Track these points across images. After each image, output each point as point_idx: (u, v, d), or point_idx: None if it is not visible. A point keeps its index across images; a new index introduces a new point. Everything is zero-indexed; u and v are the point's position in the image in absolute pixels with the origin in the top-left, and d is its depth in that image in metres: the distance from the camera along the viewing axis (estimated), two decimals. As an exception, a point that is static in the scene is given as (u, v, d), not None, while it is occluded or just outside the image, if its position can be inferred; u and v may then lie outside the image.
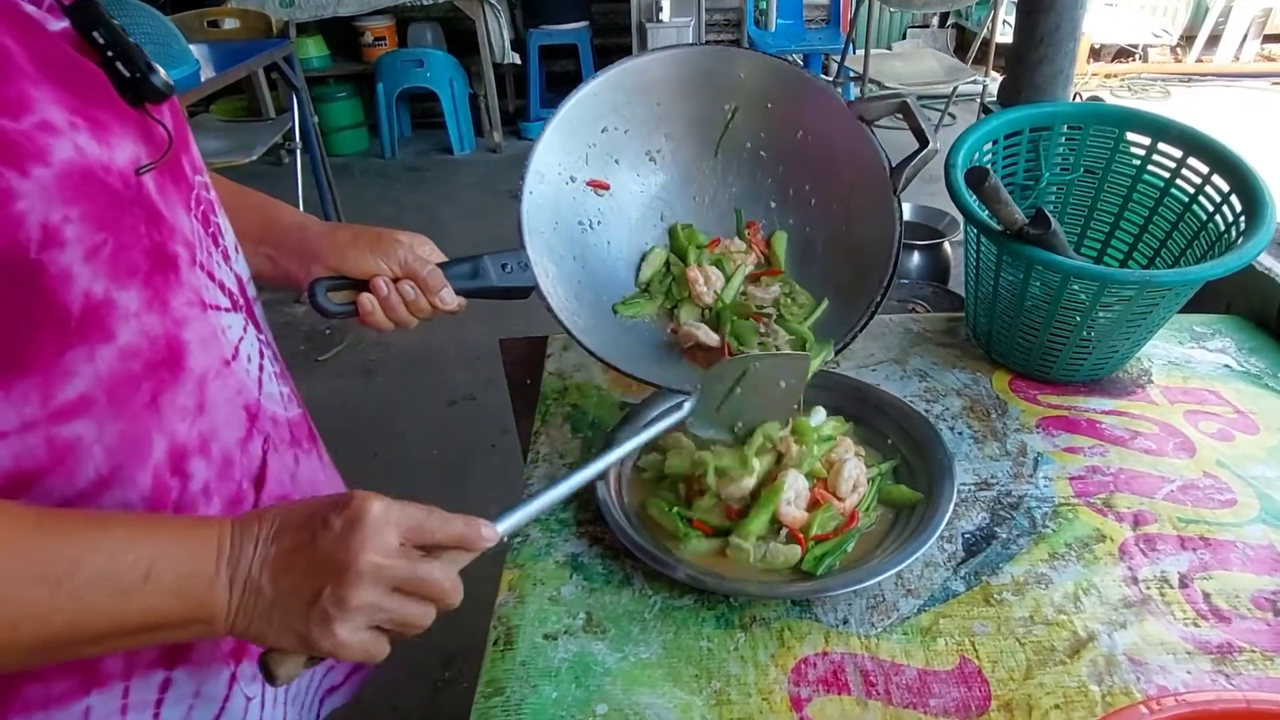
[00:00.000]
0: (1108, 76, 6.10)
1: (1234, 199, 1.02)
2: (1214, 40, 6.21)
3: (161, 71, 0.59)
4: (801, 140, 0.96)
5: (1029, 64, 1.41)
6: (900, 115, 0.89)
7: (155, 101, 0.59)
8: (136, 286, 0.57)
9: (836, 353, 0.93)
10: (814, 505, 0.88)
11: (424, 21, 5.32)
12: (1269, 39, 6.33)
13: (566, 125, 0.93)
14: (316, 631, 0.55)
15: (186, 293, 0.62)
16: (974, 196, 0.96)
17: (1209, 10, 6.20)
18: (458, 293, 0.85)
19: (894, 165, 0.90)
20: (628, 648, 0.78)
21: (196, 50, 3.20)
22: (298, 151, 3.70)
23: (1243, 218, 1.00)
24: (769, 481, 0.88)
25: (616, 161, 0.98)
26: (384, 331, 0.82)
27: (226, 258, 0.71)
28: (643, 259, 1.01)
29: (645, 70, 0.95)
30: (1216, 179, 1.05)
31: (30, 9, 0.54)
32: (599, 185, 0.97)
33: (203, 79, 2.96)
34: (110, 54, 0.57)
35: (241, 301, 0.72)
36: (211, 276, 0.66)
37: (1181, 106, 5.64)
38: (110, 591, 0.51)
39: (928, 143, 0.86)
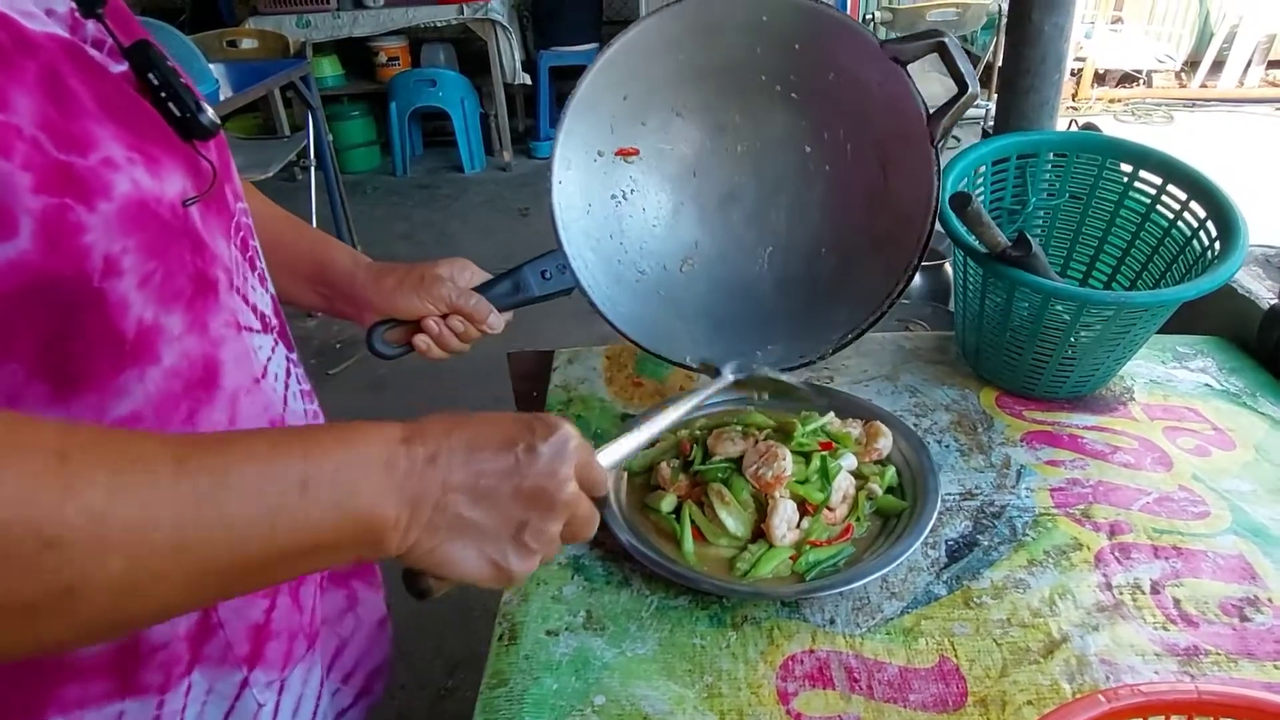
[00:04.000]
0: (1111, 101, 6.17)
1: (1210, 224, 1.07)
2: (1218, 65, 6.27)
3: (210, 111, 0.63)
4: (833, 82, 0.91)
5: (1016, 93, 1.47)
6: (939, 56, 0.84)
7: (203, 139, 0.63)
8: (180, 311, 0.60)
9: (872, 324, 0.90)
10: (805, 513, 0.93)
11: (437, 42, 5.44)
12: (1273, 64, 6.39)
13: (587, 103, 0.91)
14: (515, 561, 0.54)
15: (224, 315, 0.65)
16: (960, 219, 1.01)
17: (1213, 36, 6.27)
18: (502, 309, 0.89)
19: (931, 112, 0.86)
20: (625, 644, 0.83)
21: (216, 70, 3.29)
22: (312, 169, 3.78)
23: (1218, 242, 1.04)
24: (761, 519, 0.92)
25: (643, 124, 0.95)
26: (439, 360, 0.88)
27: (263, 280, 0.75)
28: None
29: (663, 26, 0.91)
30: (1194, 205, 1.09)
31: (94, 53, 0.58)
32: (627, 152, 0.95)
33: (222, 98, 3.04)
34: (164, 94, 0.61)
35: (274, 323, 0.76)
36: (246, 300, 0.70)
37: (1185, 132, 5.69)
38: (261, 507, 0.45)
39: (968, 88, 0.82)
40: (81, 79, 0.54)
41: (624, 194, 0.98)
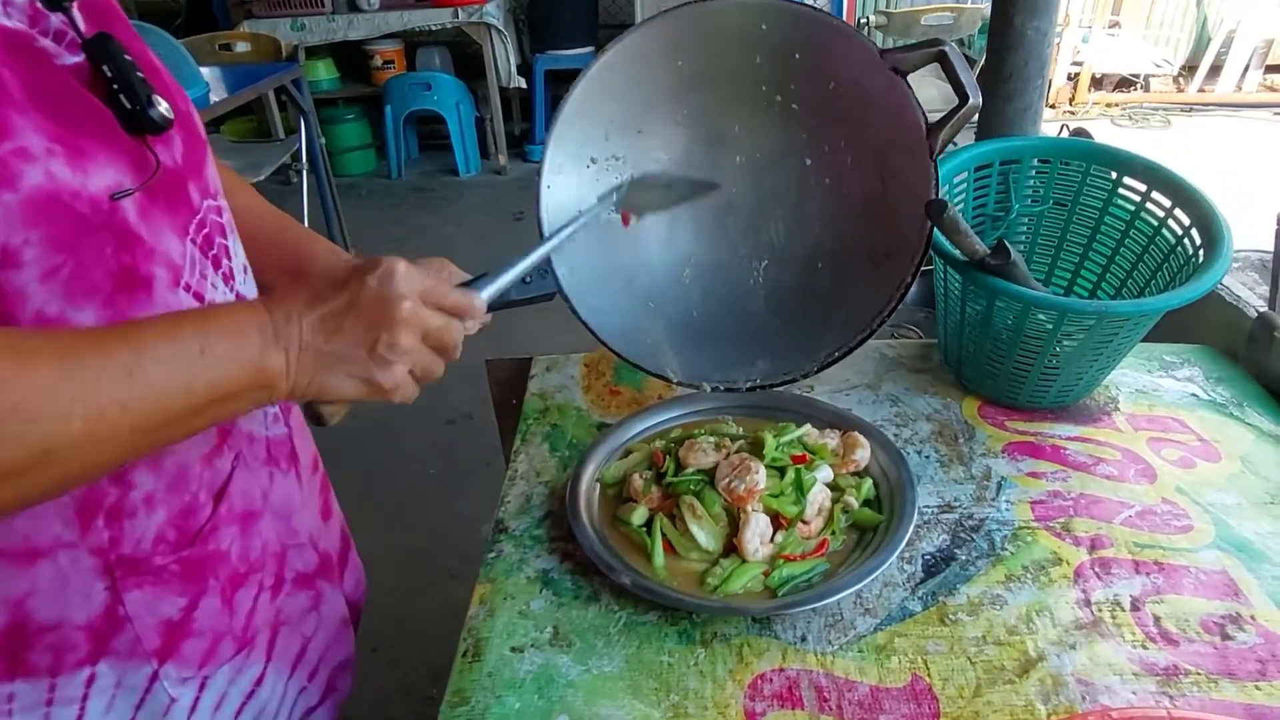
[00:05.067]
0: (1109, 106, 6.15)
1: (1194, 232, 1.05)
2: (1216, 70, 6.26)
3: (162, 106, 0.63)
4: (833, 92, 0.89)
5: (999, 99, 1.45)
6: (940, 66, 0.83)
7: (154, 133, 0.63)
8: (95, 306, 0.60)
9: (861, 342, 0.92)
10: (778, 527, 0.91)
11: (432, 46, 5.42)
12: (1271, 69, 6.37)
13: (580, 108, 0.90)
14: (379, 374, 0.63)
15: (157, 311, 0.65)
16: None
17: (1211, 40, 6.26)
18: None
19: (930, 124, 0.84)
20: (591, 661, 0.81)
21: (208, 73, 3.27)
22: (304, 172, 3.76)
23: (1202, 250, 1.03)
24: (734, 533, 0.90)
25: (640, 132, 0.93)
26: None
27: (229, 279, 0.75)
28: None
29: (661, 33, 0.89)
30: (1178, 212, 1.08)
31: (46, 43, 0.58)
32: (626, 217, 0.93)
33: (212, 100, 3.02)
34: (115, 87, 0.61)
35: None
36: (200, 298, 0.69)
37: (1182, 136, 5.67)
38: (174, 369, 0.55)
39: (969, 98, 0.80)
40: (15, 69, 0.54)
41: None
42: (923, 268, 0.88)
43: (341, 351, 0.62)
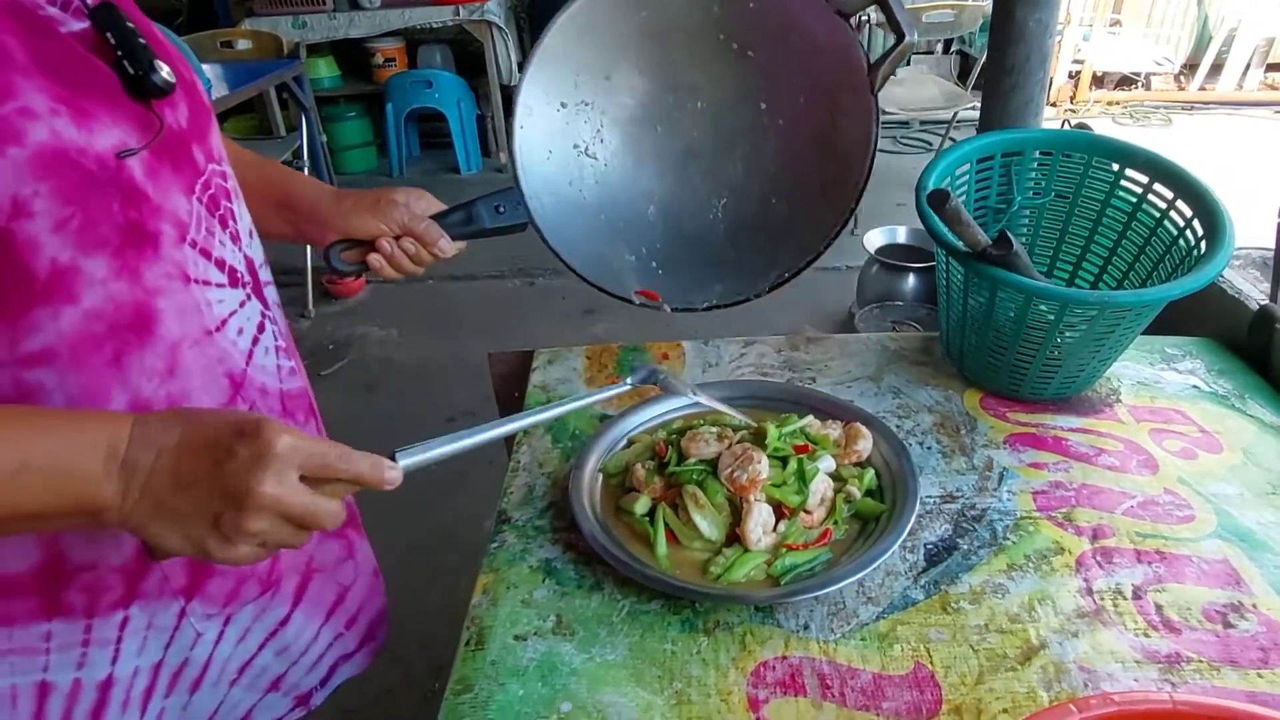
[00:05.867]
0: (1110, 104, 6.15)
1: (1196, 223, 1.05)
2: (1217, 68, 6.25)
3: (164, 70, 0.66)
4: (785, 37, 0.94)
5: (1001, 92, 1.45)
6: (879, 6, 0.88)
7: (157, 97, 0.66)
8: (104, 257, 0.62)
9: (808, 264, 0.94)
10: (781, 517, 0.91)
11: (433, 43, 5.41)
12: (1272, 68, 6.37)
13: (551, 53, 0.93)
14: (214, 547, 0.59)
15: (165, 266, 0.68)
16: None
17: (1212, 38, 6.25)
18: (455, 239, 0.93)
19: (871, 62, 0.90)
20: (594, 649, 0.81)
21: (210, 70, 3.28)
22: (305, 169, 3.76)
23: (1204, 241, 1.03)
24: (736, 523, 0.90)
25: (607, 79, 0.97)
26: (393, 279, 0.91)
27: (236, 239, 0.78)
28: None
29: None
30: (1180, 204, 1.08)
31: (52, 10, 0.61)
32: (650, 295, 0.98)
33: (214, 97, 3.03)
34: (119, 54, 0.63)
35: (248, 280, 0.79)
36: (207, 254, 0.73)
37: (1183, 134, 5.67)
38: None
39: (904, 36, 0.86)
40: (19, 35, 0.57)
41: (586, 146, 0.99)
42: (919, 264, 0.88)
43: (184, 510, 0.58)
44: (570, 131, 0.98)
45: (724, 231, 1.01)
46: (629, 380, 0.92)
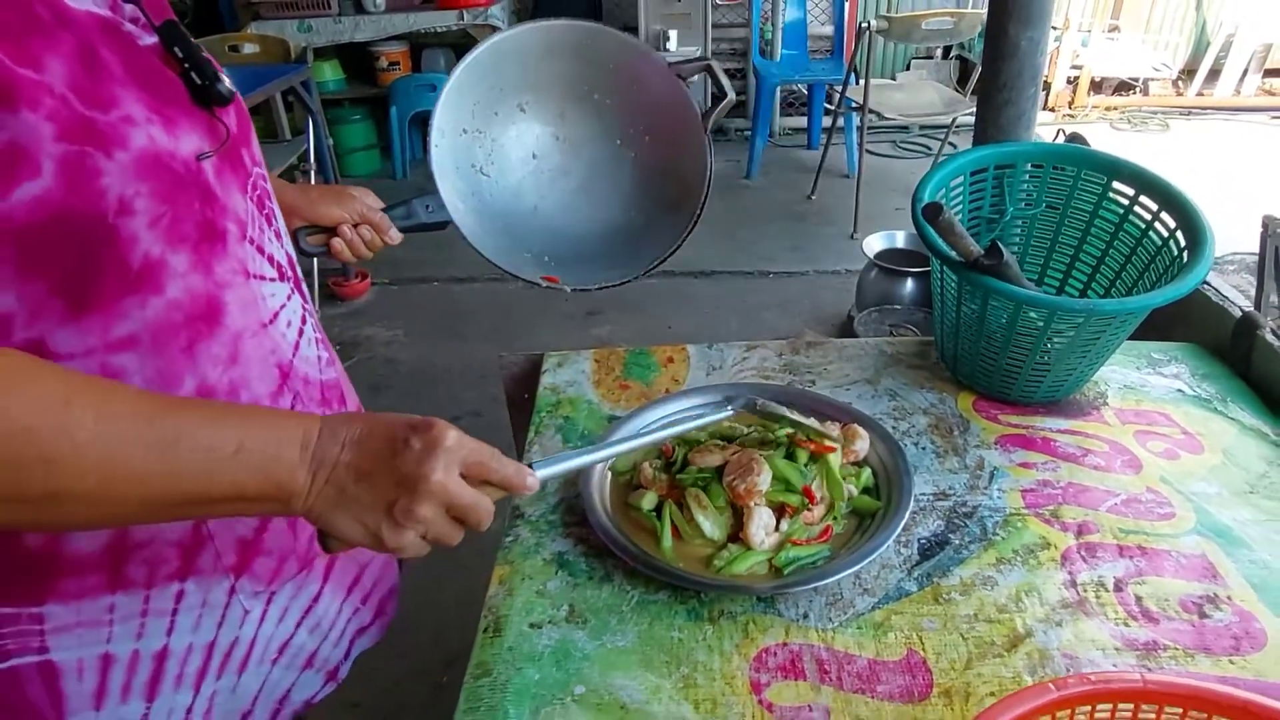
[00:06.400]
0: (1108, 109, 6.20)
1: (1179, 234, 1.10)
2: (1215, 74, 6.30)
3: (227, 81, 0.73)
4: (636, 91, 1.18)
5: (994, 106, 1.50)
6: (708, 74, 1.13)
7: (221, 105, 0.73)
8: (186, 252, 0.69)
9: (669, 256, 1.15)
10: (783, 515, 0.96)
11: (437, 47, 5.46)
12: (1270, 73, 6.42)
13: (457, 88, 1.11)
14: (386, 533, 0.65)
15: (231, 262, 0.74)
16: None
17: (1210, 44, 6.30)
18: (400, 230, 1.08)
19: (703, 111, 1.14)
20: (605, 636, 0.86)
21: (218, 75, 3.32)
22: (312, 172, 3.81)
23: (1186, 252, 1.08)
24: (738, 525, 0.95)
25: (495, 113, 1.17)
26: (350, 263, 1.04)
27: (279, 236, 0.84)
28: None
29: (518, 39, 1.15)
30: (1164, 216, 1.13)
31: (129, 27, 0.68)
32: (550, 280, 1.16)
33: (223, 103, 3.07)
34: (186, 66, 0.70)
35: (290, 274, 0.85)
36: (261, 250, 0.79)
37: (1181, 140, 5.72)
38: (204, 460, 0.59)
39: (725, 95, 1.11)
40: (113, 50, 0.64)
41: (481, 166, 1.18)
42: (915, 269, 0.93)
43: (363, 499, 0.64)
44: (470, 153, 1.17)
45: (596, 237, 1.23)
46: (729, 408, 1.02)
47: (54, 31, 0.60)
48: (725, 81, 1.12)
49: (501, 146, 1.20)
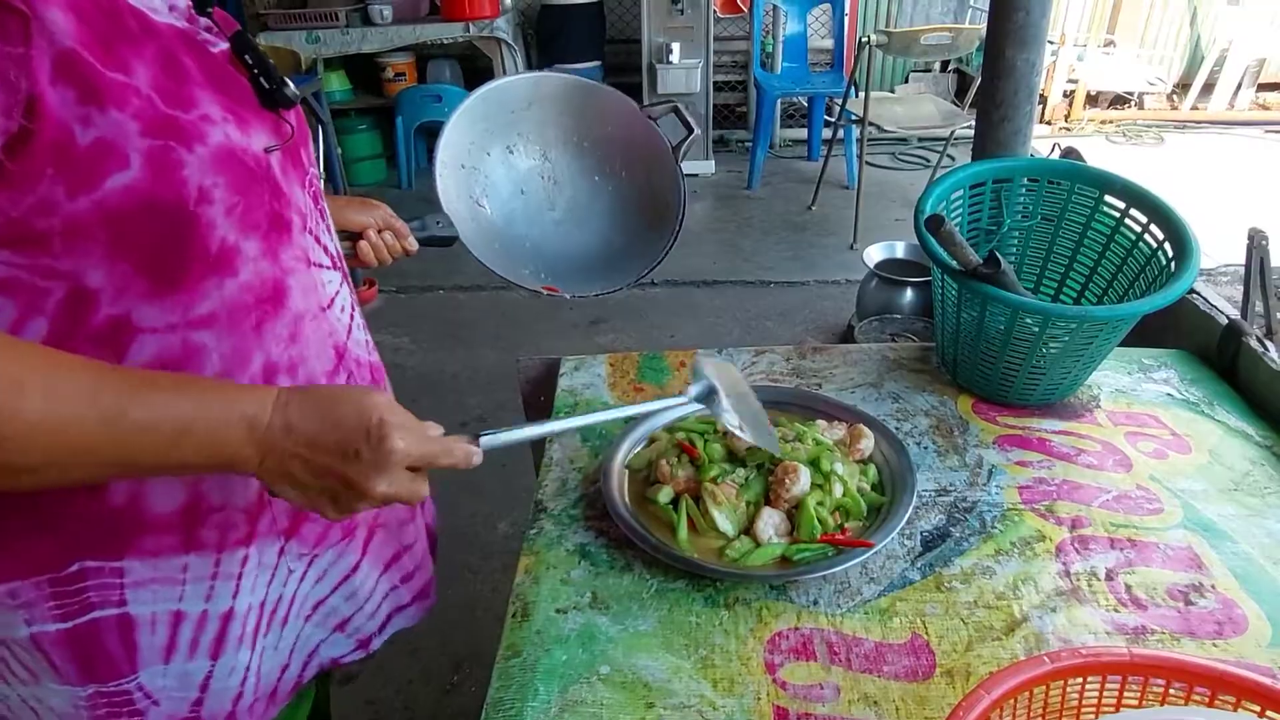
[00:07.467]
0: (1103, 123, 6.28)
1: (1167, 245, 1.16)
2: (1209, 88, 6.38)
3: (292, 86, 0.80)
4: (610, 132, 1.36)
5: (991, 123, 1.57)
6: (675, 113, 1.32)
7: (286, 107, 0.80)
8: (257, 239, 0.76)
9: (652, 270, 1.30)
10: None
11: (443, 59, 5.54)
12: (1263, 88, 6.50)
13: (455, 128, 1.28)
14: (330, 514, 0.73)
15: (294, 250, 0.82)
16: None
17: (1204, 59, 6.38)
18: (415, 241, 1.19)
19: (673, 145, 1.31)
20: (627, 621, 0.91)
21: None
22: (321, 181, 3.87)
23: (1174, 262, 1.14)
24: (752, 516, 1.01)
25: (487, 154, 1.34)
26: (374, 266, 1.12)
27: (330, 230, 0.92)
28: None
29: (505, 89, 1.33)
30: (1153, 228, 1.19)
31: (204, 35, 0.75)
32: (551, 290, 1.31)
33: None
34: (255, 71, 0.78)
35: (340, 266, 0.93)
36: (318, 240, 0.87)
37: (1175, 153, 5.79)
38: (151, 439, 0.65)
39: (692, 131, 1.28)
40: (192, 57, 0.71)
41: (478, 199, 1.34)
42: (916, 279, 0.99)
43: (310, 486, 0.70)
44: (468, 186, 1.33)
45: (591, 255, 1.39)
46: (691, 391, 1.01)
47: (140, 40, 0.67)
48: (690, 119, 1.30)
49: (494, 183, 1.36)
